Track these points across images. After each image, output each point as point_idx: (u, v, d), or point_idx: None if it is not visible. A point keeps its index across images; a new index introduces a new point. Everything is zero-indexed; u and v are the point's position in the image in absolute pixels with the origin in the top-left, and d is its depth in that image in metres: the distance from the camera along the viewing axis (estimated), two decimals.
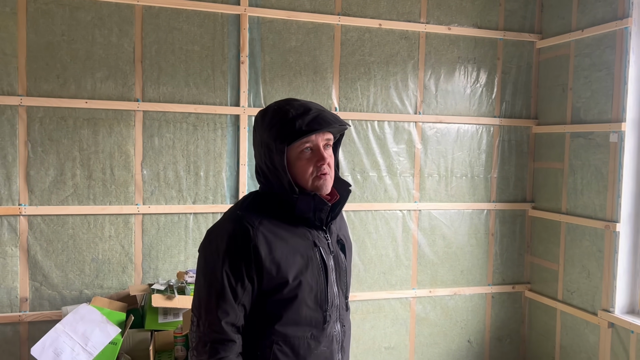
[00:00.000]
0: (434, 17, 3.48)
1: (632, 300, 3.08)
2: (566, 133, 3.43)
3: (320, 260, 1.46)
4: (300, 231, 1.46)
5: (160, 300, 2.66)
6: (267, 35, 3.20)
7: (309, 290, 1.43)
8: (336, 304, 1.50)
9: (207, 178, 3.15)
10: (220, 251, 1.40)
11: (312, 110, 1.43)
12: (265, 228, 1.41)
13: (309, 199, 1.44)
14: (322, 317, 1.46)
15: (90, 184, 2.98)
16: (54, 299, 2.95)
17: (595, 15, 3.24)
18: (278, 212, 1.46)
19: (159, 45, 3.04)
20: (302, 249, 1.44)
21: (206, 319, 1.39)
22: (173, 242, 3.11)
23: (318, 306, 1.45)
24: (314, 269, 1.45)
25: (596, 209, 3.21)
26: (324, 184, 1.46)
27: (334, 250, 1.53)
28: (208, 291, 1.40)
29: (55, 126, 2.92)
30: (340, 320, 1.53)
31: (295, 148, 1.43)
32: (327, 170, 1.46)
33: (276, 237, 1.42)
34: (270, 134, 1.43)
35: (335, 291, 1.51)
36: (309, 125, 1.40)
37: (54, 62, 2.90)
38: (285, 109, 1.44)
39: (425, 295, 3.56)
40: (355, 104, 3.37)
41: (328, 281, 1.47)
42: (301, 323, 1.43)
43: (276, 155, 1.42)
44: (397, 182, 3.47)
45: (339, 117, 1.47)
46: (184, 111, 3.09)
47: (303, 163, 1.44)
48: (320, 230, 1.50)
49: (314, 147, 1.44)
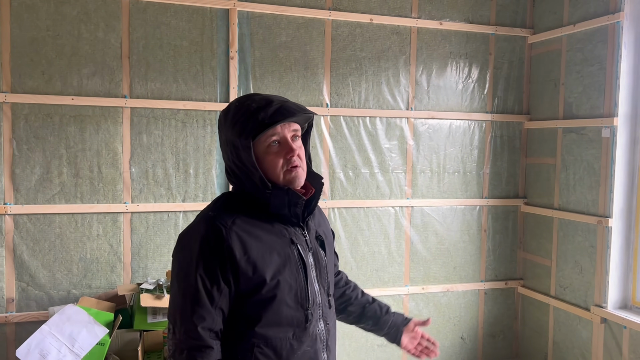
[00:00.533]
0: (426, 12, 3.45)
1: (624, 296, 3.08)
2: (558, 128, 3.42)
3: (299, 257, 1.42)
4: (277, 229, 1.42)
5: (149, 300, 2.62)
6: (257, 30, 3.16)
7: (289, 289, 1.39)
8: (318, 302, 1.46)
9: (196, 175, 3.11)
10: (193, 254, 1.35)
11: (275, 102, 1.39)
12: (239, 227, 1.37)
13: (282, 193, 1.39)
14: (304, 316, 1.42)
15: (77, 182, 2.92)
16: (41, 299, 2.90)
17: (587, 9, 3.22)
18: (252, 210, 1.42)
19: (146, 40, 2.99)
20: (278, 247, 1.40)
21: (182, 326, 1.34)
22: (162, 240, 3.07)
23: (299, 305, 1.41)
24: (292, 267, 1.41)
25: (588, 205, 3.20)
26: (296, 177, 1.42)
27: (313, 247, 1.48)
28: (183, 296, 1.35)
29: (41, 123, 2.86)
30: (323, 319, 1.48)
31: (262, 142, 1.39)
32: (297, 162, 1.41)
33: (251, 236, 1.37)
34: (234, 131, 1.39)
35: (317, 289, 1.46)
36: (272, 117, 1.36)
37: (39, 58, 2.84)
38: (246, 104, 1.40)
39: (418, 292, 3.54)
40: (347, 100, 3.34)
41: (308, 279, 1.43)
42: (282, 323, 1.39)
43: (243, 152, 1.38)
44: (389, 179, 3.44)
45: (303, 107, 1.43)
46: (173, 108, 3.04)
47: (272, 157, 1.40)
48: (298, 226, 1.46)
49: (281, 139, 1.40)
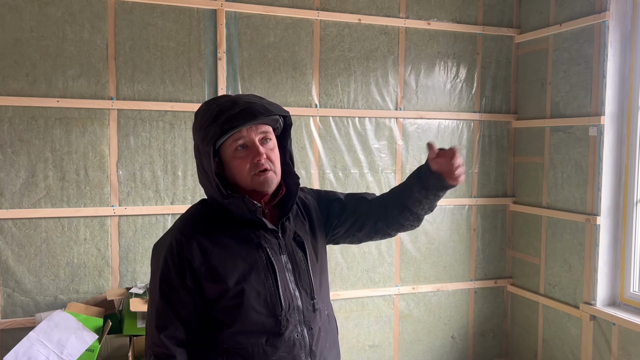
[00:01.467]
0: (413, 11, 3.45)
1: (613, 293, 3.11)
2: (546, 127, 3.44)
3: (267, 262, 1.38)
4: (244, 234, 1.39)
5: (139, 304, 2.58)
6: (245, 30, 3.13)
7: (256, 295, 1.36)
8: (296, 306, 1.40)
9: (185, 178, 3.07)
10: (158, 264, 1.39)
11: (239, 104, 1.34)
12: (203, 235, 1.37)
13: (239, 201, 1.36)
14: (276, 322, 1.38)
15: (63, 186, 2.88)
16: (27, 305, 2.85)
17: (573, 9, 3.25)
18: (220, 217, 1.40)
19: (133, 41, 2.95)
20: (244, 252, 1.38)
21: (148, 332, 1.40)
22: (151, 244, 3.02)
23: (270, 311, 1.37)
24: (259, 272, 1.37)
25: (576, 203, 3.22)
26: (264, 182, 1.37)
27: (289, 249, 1.43)
28: (150, 305, 1.41)
29: (26, 126, 2.81)
30: (305, 324, 1.42)
31: (228, 147, 1.36)
32: (267, 165, 1.37)
33: (214, 243, 1.37)
34: (198, 136, 1.37)
35: (294, 293, 1.41)
36: (232, 121, 1.31)
37: (23, 60, 2.79)
38: (210, 108, 1.37)
39: (409, 292, 3.54)
40: (336, 100, 3.33)
41: (279, 283, 1.38)
42: (252, 329, 1.37)
43: (204, 158, 1.36)
44: (379, 179, 3.44)
45: (271, 107, 1.37)
46: (160, 109, 3.00)
47: (238, 162, 1.37)
48: (269, 230, 1.41)
49: (247, 142, 1.36)
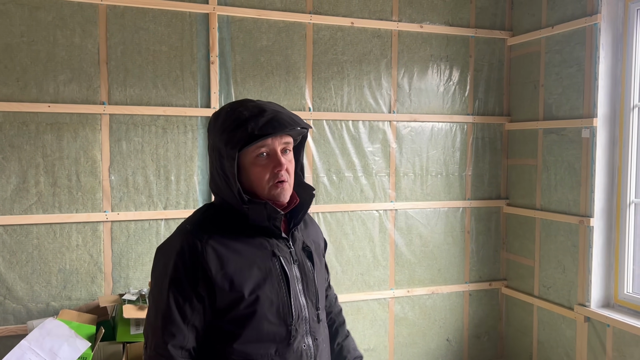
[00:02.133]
0: (406, 15, 3.46)
1: (607, 294, 3.12)
2: (539, 129, 3.45)
3: (281, 270, 1.37)
4: (258, 241, 1.37)
5: (132, 311, 2.56)
6: (238, 34, 3.12)
7: (269, 304, 1.34)
8: (304, 316, 1.40)
9: (178, 182, 3.06)
10: (167, 269, 1.31)
11: (267, 112, 1.33)
12: (217, 241, 1.32)
13: (260, 208, 1.34)
14: (287, 332, 1.36)
15: (55, 192, 2.85)
16: (19, 312, 2.81)
17: (564, 11, 3.26)
18: (232, 222, 1.37)
19: (124, 46, 2.93)
20: (259, 260, 1.35)
21: (152, 342, 1.31)
22: (144, 249, 3.01)
23: (281, 320, 1.35)
24: (273, 281, 1.35)
25: (570, 205, 3.23)
26: (281, 193, 1.37)
27: (299, 259, 1.43)
28: (155, 312, 1.32)
29: (17, 132, 2.78)
30: (311, 334, 1.42)
31: (250, 153, 1.34)
32: (285, 177, 1.36)
33: (229, 250, 1.32)
34: (221, 139, 1.33)
35: (303, 303, 1.40)
36: (262, 129, 1.29)
37: (13, 65, 2.77)
38: (238, 111, 1.34)
39: (404, 295, 3.53)
40: (329, 103, 3.33)
41: (291, 293, 1.37)
42: (263, 339, 1.33)
43: (227, 162, 1.32)
44: (372, 182, 3.44)
45: (297, 119, 1.36)
46: (153, 114, 2.99)
47: (259, 169, 1.35)
48: (281, 238, 1.41)
49: (270, 152, 1.35)
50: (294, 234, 1.45)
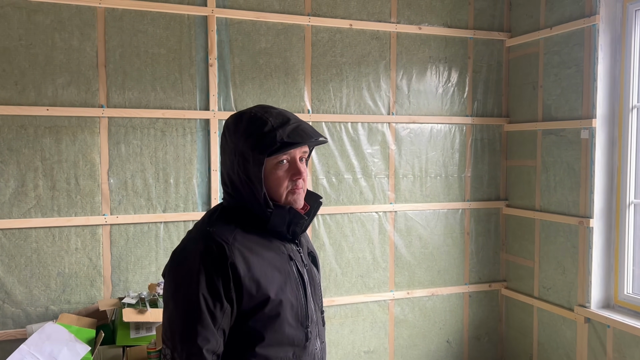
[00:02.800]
0: (405, 16, 3.46)
1: (607, 295, 3.11)
2: (538, 130, 3.45)
3: (298, 274, 1.40)
4: (275, 245, 1.39)
5: (132, 315, 2.55)
6: (236, 36, 3.12)
7: (290, 307, 1.36)
8: (314, 319, 1.43)
9: (177, 185, 3.05)
10: (193, 272, 1.28)
11: (292, 121, 1.36)
12: (240, 243, 1.32)
13: (284, 212, 1.37)
14: (304, 335, 1.39)
15: (54, 195, 2.84)
16: (18, 316, 2.80)
17: (563, 13, 3.26)
18: (249, 225, 1.37)
19: (123, 48, 2.93)
20: (279, 263, 1.37)
21: (183, 350, 1.26)
22: (143, 252, 3.00)
23: (299, 323, 1.38)
24: (292, 284, 1.38)
25: (569, 206, 3.23)
26: (297, 199, 1.40)
27: (307, 264, 1.47)
28: (184, 318, 1.27)
29: (15, 135, 2.77)
30: (319, 337, 1.46)
31: (272, 160, 1.35)
32: (301, 184, 1.40)
33: (252, 252, 1.33)
34: (246, 143, 1.34)
35: (313, 306, 1.44)
36: (290, 137, 1.32)
37: (12, 68, 2.76)
38: (263, 117, 1.36)
39: (403, 297, 3.53)
40: (328, 105, 3.32)
41: (307, 296, 1.40)
42: (283, 343, 1.35)
43: (253, 167, 1.33)
44: (372, 184, 3.43)
45: (316, 130, 1.41)
46: (152, 116, 2.98)
47: (279, 176, 1.37)
48: (293, 243, 1.44)
49: (291, 159, 1.38)
50: (300, 240, 1.49)
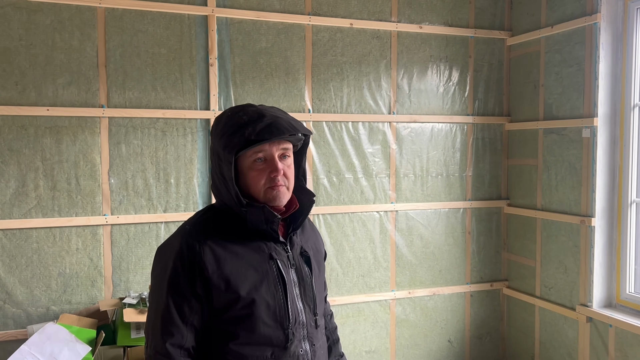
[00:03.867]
0: (405, 15, 3.45)
1: (609, 294, 3.11)
2: (539, 129, 3.44)
3: (278, 274, 1.38)
4: (255, 244, 1.38)
5: (133, 315, 2.55)
6: (237, 36, 3.12)
7: (266, 307, 1.35)
8: (301, 320, 1.40)
9: (178, 185, 3.05)
10: (166, 269, 1.33)
11: (266, 117, 1.34)
12: (214, 242, 1.34)
13: (257, 211, 1.36)
14: (284, 336, 1.36)
15: (54, 195, 2.84)
16: (18, 317, 2.80)
17: (564, 11, 3.26)
18: (231, 225, 1.39)
19: (123, 48, 2.93)
20: (256, 262, 1.36)
21: (152, 341, 1.34)
22: (144, 252, 3.00)
23: (278, 324, 1.36)
24: (269, 283, 1.36)
25: (571, 205, 3.22)
26: (277, 196, 1.38)
27: (296, 263, 1.43)
28: (155, 312, 1.34)
29: (15, 135, 2.77)
30: (309, 339, 1.42)
31: (247, 157, 1.36)
32: (281, 181, 1.38)
33: (226, 251, 1.34)
34: (220, 142, 1.36)
35: (300, 307, 1.41)
36: (259, 134, 1.31)
37: (12, 69, 2.76)
38: (237, 115, 1.36)
39: (405, 296, 3.52)
40: (329, 105, 3.32)
41: (288, 296, 1.38)
42: (259, 342, 1.34)
43: (224, 165, 1.35)
44: (373, 183, 3.43)
45: (297, 124, 1.38)
46: (152, 116, 2.98)
47: (255, 174, 1.37)
48: (279, 242, 1.42)
49: (267, 156, 1.37)
50: (292, 239, 1.46)
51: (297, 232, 1.48)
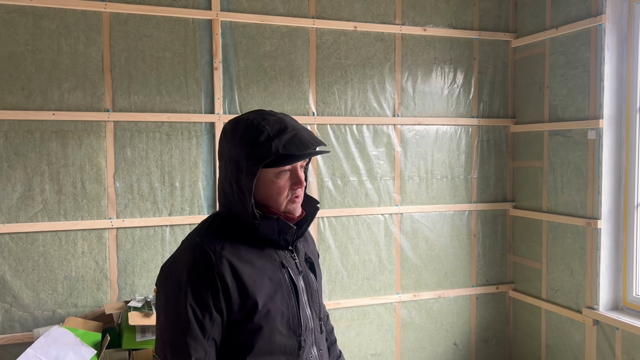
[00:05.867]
0: (409, 18, 3.45)
1: (615, 297, 3.09)
2: (544, 131, 3.43)
3: (290, 282, 1.36)
4: (267, 252, 1.36)
5: (138, 318, 2.56)
6: (241, 40, 3.13)
7: (281, 316, 1.33)
8: (310, 327, 1.40)
9: (182, 189, 3.06)
10: (181, 283, 1.27)
11: (289, 129, 1.31)
12: (229, 252, 1.30)
13: (272, 223, 1.34)
14: (297, 343, 1.35)
15: (60, 199, 2.86)
16: (25, 320, 2.82)
17: (569, 12, 3.25)
18: (241, 233, 1.35)
19: (128, 53, 2.94)
20: (269, 271, 1.34)
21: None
22: (149, 256, 3.01)
23: (291, 332, 1.35)
24: (283, 292, 1.35)
25: (577, 207, 3.21)
26: (296, 207, 1.39)
27: (303, 270, 1.43)
28: (173, 329, 1.27)
29: (22, 140, 2.79)
30: (316, 344, 1.42)
31: (271, 170, 1.33)
32: (300, 193, 1.38)
33: (241, 260, 1.30)
34: (242, 152, 1.31)
35: (309, 314, 1.40)
36: (286, 148, 1.28)
37: (18, 74, 2.78)
38: (260, 126, 1.31)
39: (410, 299, 3.51)
40: (333, 108, 3.32)
41: (300, 304, 1.37)
42: (274, 352, 1.32)
43: (245, 177, 1.30)
44: (377, 186, 3.42)
45: (316, 137, 1.36)
46: (157, 120, 2.99)
47: (279, 185, 1.34)
48: (287, 250, 1.41)
49: (292, 168, 1.35)
50: (297, 246, 1.46)
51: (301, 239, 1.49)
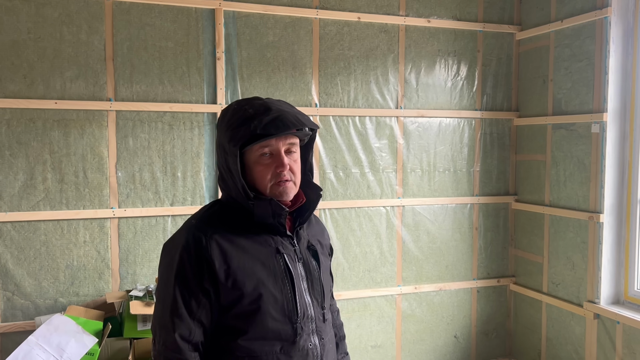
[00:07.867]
0: (413, 9, 3.43)
1: (617, 291, 3.08)
2: (548, 125, 3.42)
3: (285, 268, 1.37)
4: (262, 238, 1.38)
5: (139, 307, 2.56)
6: (244, 30, 3.11)
7: (274, 301, 1.34)
8: (310, 314, 1.40)
9: (184, 179, 3.05)
10: (173, 264, 1.33)
11: (272, 111, 1.33)
12: (221, 236, 1.34)
13: (265, 204, 1.35)
14: (292, 330, 1.36)
15: (62, 188, 2.86)
16: (27, 308, 2.83)
17: (574, 5, 3.22)
18: (238, 219, 1.38)
19: (130, 42, 2.93)
20: (263, 257, 1.36)
21: (160, 336, 1.33)
22: (151, 245, 3.01)
23: (286, 318, 1.36)
24: (277, 277, 1.36)
25: (579, 200, 3.20)
26: (284, 191, 1.38)
27: (303, 257, 1.43)
28: (162, 307, 1.34)
29: (24, 128, 2.79)
30: (317, 333, 1.42)
31: (254, 152, 1.35)
32: (288, 176, 1.37)
33: (233, 245, 1.34)
34: (225, 135, 1.35)
35: (308, 301, 1.40)
36: (265, 128, 1.30)
37: (20, 62, 2.77)
38: (244, 109, 1.36)
39: (411, 291, 3.52)
40: (336, 99, 3.31)
41: (296, 290, 1.37)
42: (268, 337, 1.34)
43: (230, 159, 1.34)
44: (379, 178, 3.42)
45: (304, 119, 1.37)
46: (159, 110, 2.98)
47: (261, 168, 1.36)
48: (286, 236, 1.41)
49: (273, 151, 1.36)
50: (299, 233, 1.46)
51: (304, 226, 1.48)
